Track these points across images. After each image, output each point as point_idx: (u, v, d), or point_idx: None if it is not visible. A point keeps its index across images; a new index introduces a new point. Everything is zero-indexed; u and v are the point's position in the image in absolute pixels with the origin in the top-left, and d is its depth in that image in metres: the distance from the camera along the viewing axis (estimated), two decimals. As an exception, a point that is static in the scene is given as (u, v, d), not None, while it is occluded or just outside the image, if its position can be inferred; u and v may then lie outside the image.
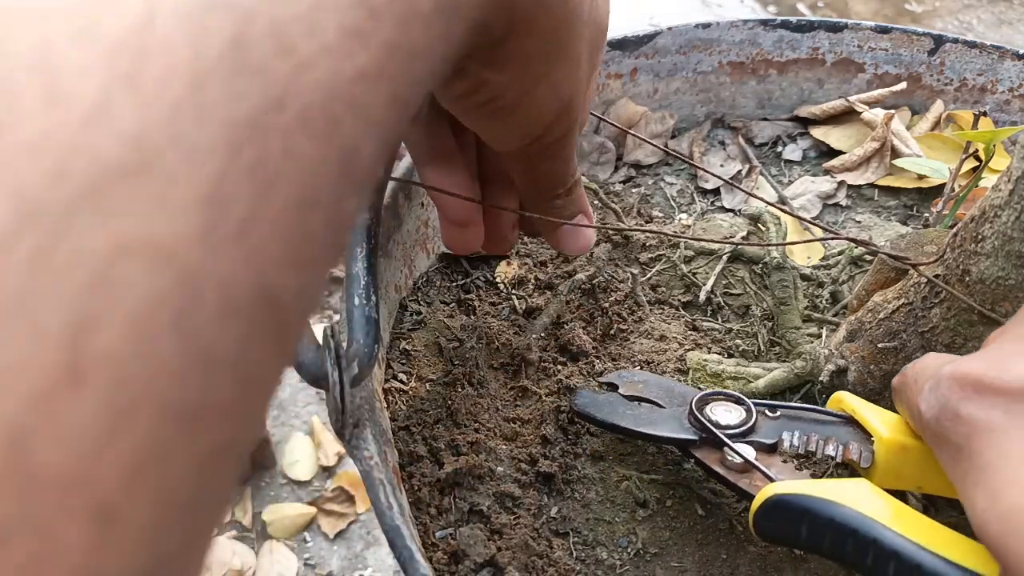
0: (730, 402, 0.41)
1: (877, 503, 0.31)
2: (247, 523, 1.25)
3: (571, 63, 0.31)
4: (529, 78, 0.30)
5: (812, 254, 0.57)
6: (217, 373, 0.15)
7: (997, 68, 0.65)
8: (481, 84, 0.30)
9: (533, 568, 0.39)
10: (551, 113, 0.32)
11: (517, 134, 0.34)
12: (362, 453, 0.33)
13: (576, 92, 0.33)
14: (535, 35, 0.29)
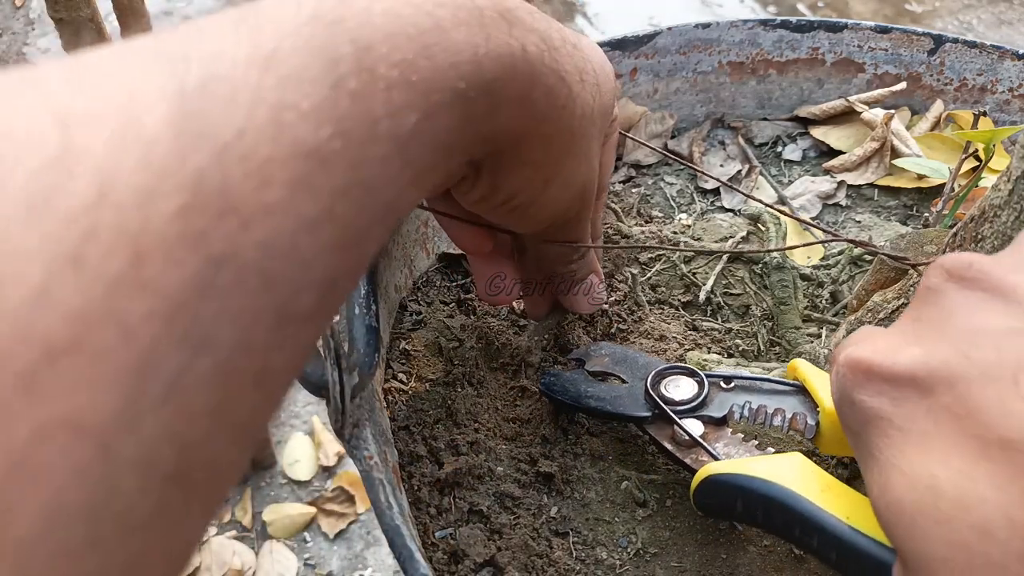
0: (685, 376, 0.41)
1: (806, 479, 0.32)
2: (247, 523, 1.25)
3: (582, 157, 0.32)
4: (540, 180, 0.31)
5: (812, 254, 0.57)
6: (134, 540, 0.16)
7: (997, 68, 0.65)
8: (495, 189, 0.31)
9: (533, 568, 0.39)
10: (567, 201, 0.34)
11: (535, 224, 0.35)
12: (362, 453, 0.33)
13: (589, 178, 0.34)
14: (541, 145, 0.30)
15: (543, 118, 0.29)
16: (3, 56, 2.22)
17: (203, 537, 0.19)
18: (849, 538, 0.29)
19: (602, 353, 0.45)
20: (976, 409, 0.21)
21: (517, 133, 0.28)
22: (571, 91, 0.29)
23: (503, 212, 0.33)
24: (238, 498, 1.27)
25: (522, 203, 0.32)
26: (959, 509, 0.20)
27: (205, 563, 1.18)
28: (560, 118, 0.29)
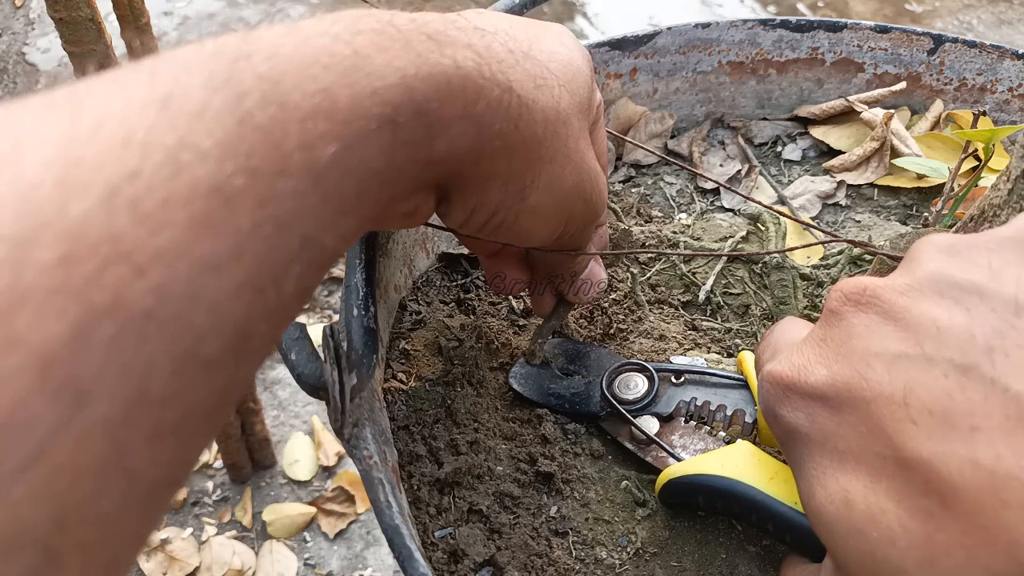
0: (637, 372, 0.43)
1: (754, 470, 0.35)
2: (247, 523, 1.25)
3: (560, 160, 0.31)
4: (515, 192, 0.31)
5: (812, 254, 0.57)
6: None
7: (997, 68, 0.65)
8: (471, 209, 0.31)
9: (533, 568, 0.39)
10: (561, 207, 0.33)
11: (536, 236, 0.34)
12: (362, 453, 0.33)
13: (582, 178, 0.33)
14: (502, 157, 0.29)
15: (495, 132, 0.28)
16: (3, 56, 2.22)
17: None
18: (798, 522, 0.33)
19: (556, 352, 0.46)
20: (876, 428, 0.23)
21: (471, 151, 0.28)
22: (523, 99, 0.28)
23: (492, 231, 0.33)
24: (238, 498, 1.27)
25: (506, 219, 0.32)
26: (867, 520, 0.23)
27: (205, 563, 1.18)
28: (516, 128, 0.28)
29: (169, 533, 1.22)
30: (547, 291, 0.44)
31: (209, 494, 1.28)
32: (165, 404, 0.18)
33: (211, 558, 1.20)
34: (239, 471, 1.27)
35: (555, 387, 0.44)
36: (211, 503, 1.27)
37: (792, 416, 0.26)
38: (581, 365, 0.45)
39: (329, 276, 1.61)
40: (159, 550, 1.20)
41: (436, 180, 0.28)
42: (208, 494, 1.28)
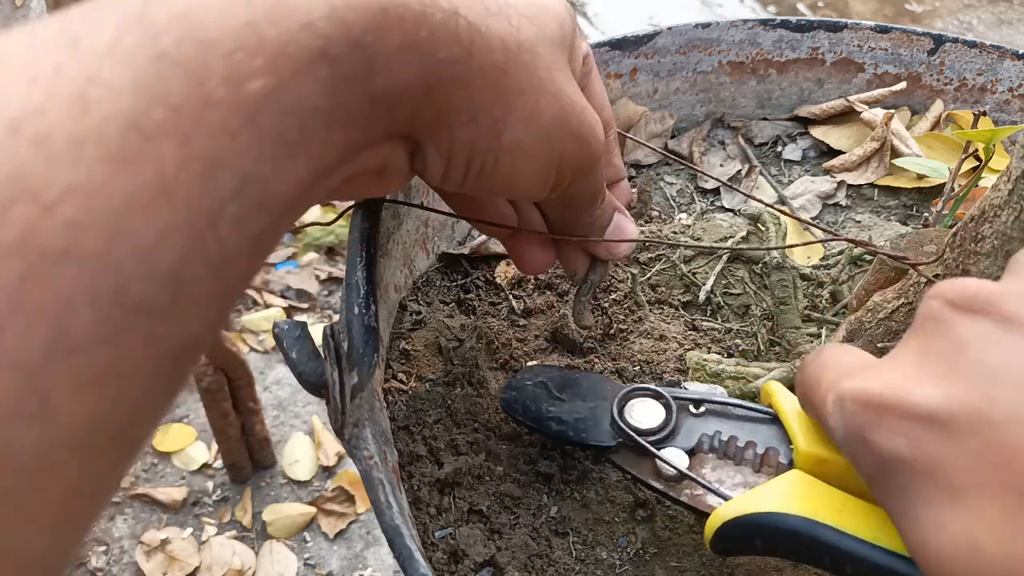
0: (650, 398, 0.38)
1: (818, 502, 0.30)
2: (247, 523, 1.25)
3: (535, 90, 0.29)
4: (488, 129, 0.28)
5: (812, 254, 0.57)
6: None
7: (997, 68, 0.65)
8: (448, 157, 0.29)
9: (533, 568, 0.39)
10: (546, 143, 0.30)
11: (531, 183, 0.31)
12: (362, 453, 0.33)
13: (566, 111, 0.30)
14: (461, 91, 0.27)
15: (443, 60, 0.25)
16: (3, 56, 2.22)
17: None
18: (884, 562, 0.28)
19: (540, 380, 0.42)
20: (1011, 458, 0.20)
21: (419, 83, 0.25)
22: (472, 23, 0.26)
23: (477, 179, 0.30)
24: (238, 498, 1.27)
25: (485, 162, 0.29)
26: (1004, 570, 0.20)
27: (205, 563, 1.18)
28: (470, 55, 0.26)
29: (169, 533, 1.22)
30: (576, 251, 0.41)
31: (209, 494, 1.28)
32: (89, 349, 0.17)
33: (211, 558, 1.20)
34: (239, 471, 1.28)
35: (555, 410, 0.39)
36: (211, 503, 1.27)
37: (891, 443, 0.23)
38: (573, 395, 0.40)
39: (329, 276, 1.61)
40: (159, 550, 1.20)
41: (397, 128, 0.27)
42: (208, 494, 1.28)
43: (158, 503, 1.26)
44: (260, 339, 1.50)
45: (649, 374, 0.48)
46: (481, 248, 0.55)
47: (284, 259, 1.65)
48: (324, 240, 1.67)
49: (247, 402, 1.18)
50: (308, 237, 1.66)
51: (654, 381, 0.47)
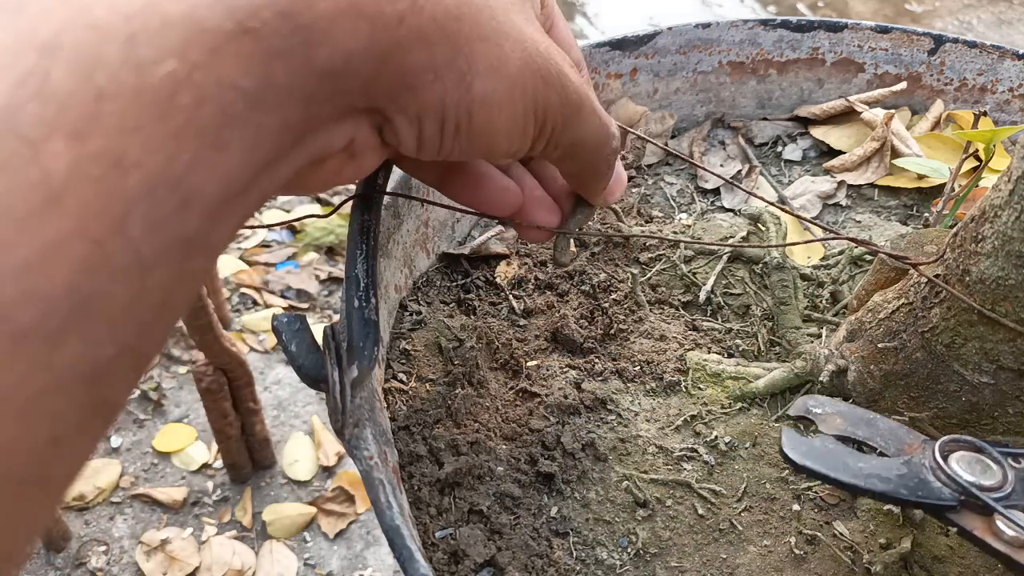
0: (971, 451, 0.35)
1: None
2: (247, 523, 1.25)
3: (497, 37, 0.27)
4: (454, 82, 0.26)
5: (812, 254, 0.57)
6: None
7: (997, 68, 0.65)
8: (419, 120, 0.27)
9: (533, 568, 0.39)
10: (521, 96, 0.28)
11: (513, 138, 0.29)
12: (362, 453, 0.33)
13: (530, 55, 0.28)
14: (419, 45, 0.25)
15: (394, 17, 0.23)
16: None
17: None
18: None
19: (828, 411, 0.38)
20: None
21: (373, 49, 0.23)
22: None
23: (455, 142, 0.28)
24: (238, 498, 1.27)
25: (460, 120, 0.27)
26: None
27: (205, 563, 1.18)
28: (420, 8, 0.24)
29: (169, 533, 1.22)
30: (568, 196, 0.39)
31: (209, 494, 1.28)
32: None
33: (211, 558, 1.20)
34: (239, 471, 1.28)
35: (866, 467, 0.35)
36: (211, 503, 1.27)
37: None
38: (872, 434, 0.37)
39: (329, 276, 1.61)
40: (159, 550, 1.20)
41: (353, 102, 0.24)
42: (208, 494, 1.28)
43: (158, 503, 1.26)
44: (260, 339, 1.50)
45: (649, 374, 0.48)
46: (481, 248, 0.55)
47: (284, 259, 1.65)
48: (324, 240, 1.67)
49: (247, 402, 1.18)
50: (308, 237, 1.66)
51: (655, 381, 0.47)
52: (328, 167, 0.27)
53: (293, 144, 0.23)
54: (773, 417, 0.45)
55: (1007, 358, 0.37)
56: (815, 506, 0.41)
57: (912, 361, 0.41)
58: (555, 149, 0.32)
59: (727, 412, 0.45)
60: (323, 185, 0.29)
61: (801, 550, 0.39)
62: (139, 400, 1.40)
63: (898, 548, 0.39)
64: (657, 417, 0.45)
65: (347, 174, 0.29)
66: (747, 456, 0.43)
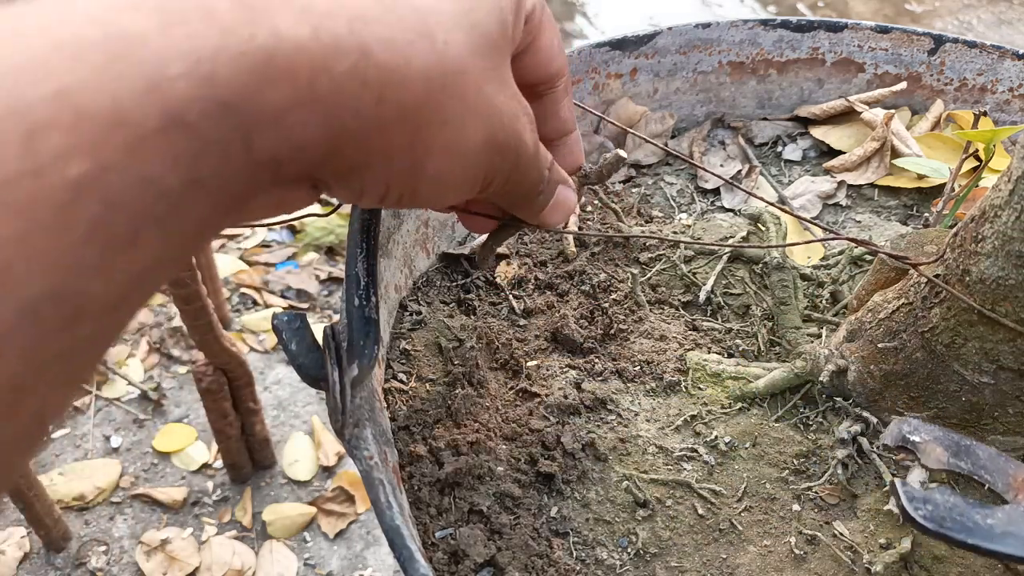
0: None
1: None
2: (247, 523, 1.25)
3: (453, 123, 0.26)
4: (404, 166, 0.25)
5: (812, 254, 0.57)
6: None
7: (997, 68, 0.65)
8: (360, 193, 0.26)
9: (533, 568, 0.39)
10: (472, 170, 0.28)
11: (454, 199, 0.29)
12: (362, 453, 0.33)
13: (494, 131, 0.27)
14: (372, 137, 0.24)
15: (350, 111, 0.22)
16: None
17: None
18: None
19: (926, 438, 0.35)
20: None
21: (327, 139, 0.22)
22: (385, 64, 0.23)
23: (395, 204, 0.28)
24: (238, 498, 1.27)
25: (404, 193, 0.27)
26: None
27: (205, 563, 1.18)
28: (381, 101, 0.23)
29: (169, 533, 1.21)
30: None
31: (209, 494, 1.28)
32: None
33: (211, 558, 1.19)
34: (239, 471, 1.27)
35: (996, 523, 0.32)
36: (211, 503, 1.27)
37: None
38: (975, 466, 0.34)
39: (329, 276, 1.61)
40: (159, 550, 1.20)
41: (290, 180, 0.23)
42: (208, 494, 1.28)
43: (158, 503, 1.26)
44: (260, 339, 1.50)
45: (649, 374, 0.48)
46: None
47: (284, 259, 1.65)
48: (324, 240, 1.67)
49: (247, 402, 1.17)
50: (308, 237, 1.66)
51: (655, 381, 0.47)
52: (250, 214, 0.26)
53: (218, 223, 0.21)
54: (773, 417, 0.45)
55: (1007, 358, 0.37)
56: (815, 506, 0.41)
57: (912, 361, 0.41)
58: (495, 194, 0.32)
59: (727, 412, 0.45)
60: (237, 224, 0.27)
61: (801, 550, 0.39)
62: (139, 400, 1.40)
63: (898, 548, 0.39)
64: (657, 417, 0.45)
65: (258, 215, 0.27)
66: (747, 456, 0.43)
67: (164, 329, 1.49)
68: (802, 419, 0.45)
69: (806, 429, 0.45)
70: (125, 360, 1.45)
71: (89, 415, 1.38)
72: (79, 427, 1.36)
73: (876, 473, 0.43)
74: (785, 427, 0.45)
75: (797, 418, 0.45)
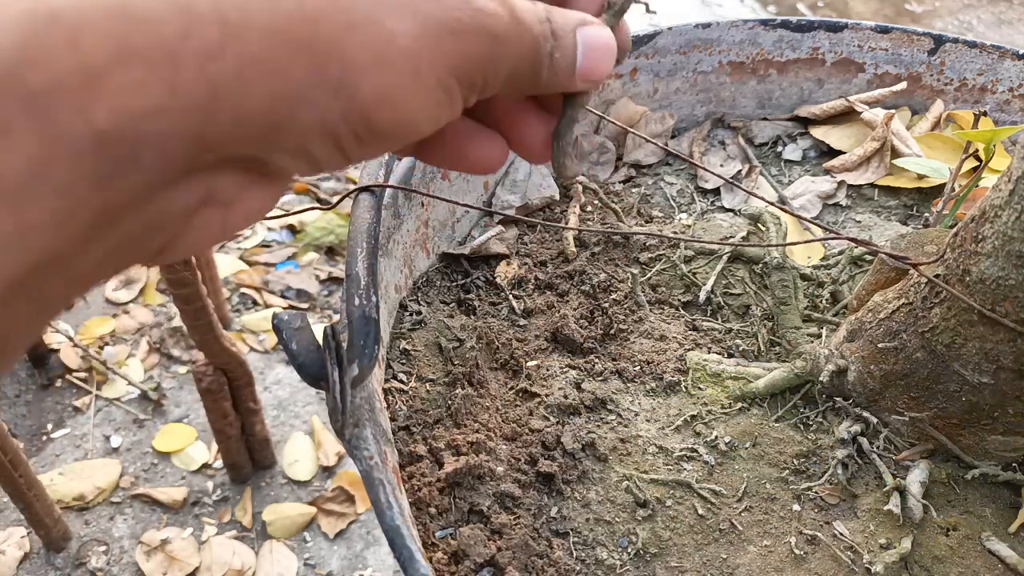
0: None
1: None
2: (247, 523, 1.25)
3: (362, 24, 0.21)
4: (327, 102, 0.21)
5: (812, 254, 0.57)
6: None
7: (997, 68, 0.65)
8: (309, 154, 0.22)
9: (533, 568, 0.39)
10: (437, 69, 0.23)
11: (440, 112, 0.24)
12: (362, 453, 0.33)
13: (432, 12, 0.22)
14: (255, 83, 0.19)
15: (198, 55, 0.18)
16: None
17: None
18: None
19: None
20: None
21: (190, 97, 0.19)
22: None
23: (371, 147, 0.23)
24: (238, 498, 1.27)
25: (357, 129, 0.22)
26: None
27: (205, 563, 1.18)
28: (238, 30, 0.19)
29: (169, 533, 1.21)
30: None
31: (209, 494, 1.28)
32: None
33: (211, 558, 1.19)
34: (239, 471, 1.27)
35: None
36: (211, 503, 1.27)
37: None
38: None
39: (329, 276, 1.61)
40: (159, 550, 1.20)
41: (195, 162, 0.20)
42: (208, 494, 1.28)
43: (158, 503, 1.26)
44: (260, 339, 1.50)
45: (649, 374, 0.48)
46: (481, 248, 0.55)
47: (284, 259, 1.65)
48: (324, 240, 1.67)
49: (247, 402, 1.17)
50: (308, 237, 1.66)
51: (655, 381, 0.47)
52: (197, 226, 0.22)
53: (85, 239, 0.18)
54: (773, 417, 0.45)
55: (1007, 358, 0.37)
56: (815, 506, 0.41)
57: (912, 361, 0.41)
58: (493, 90, 0.26)
59: (727, 412, 0.45)
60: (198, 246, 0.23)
61: (801, 550, 0.39)
62: (139, 400, 1.40)
63: (898, 548, 0.39)
64: (657, 417, 0.45)
65: (233, 222, 0.23)
66: (747, 456, 0.43)
67: (164, 329, 1.49)
68: (802, 419, 0.45)
69: (806, 429, 0.45)
70: (125, 360, 1.45)
71: (89, 415, 1.38)
72: (79, 427, 1.36)
73: (876, 473, 0.43)
74: (785, 427, 0.45)
75: (797, 418, 0.45)
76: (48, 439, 1.35)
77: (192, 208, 0.21)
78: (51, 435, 1.35)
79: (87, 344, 1.45)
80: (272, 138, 0.21)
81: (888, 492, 0.41)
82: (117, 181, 0.18)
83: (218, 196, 0.22)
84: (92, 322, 1.50)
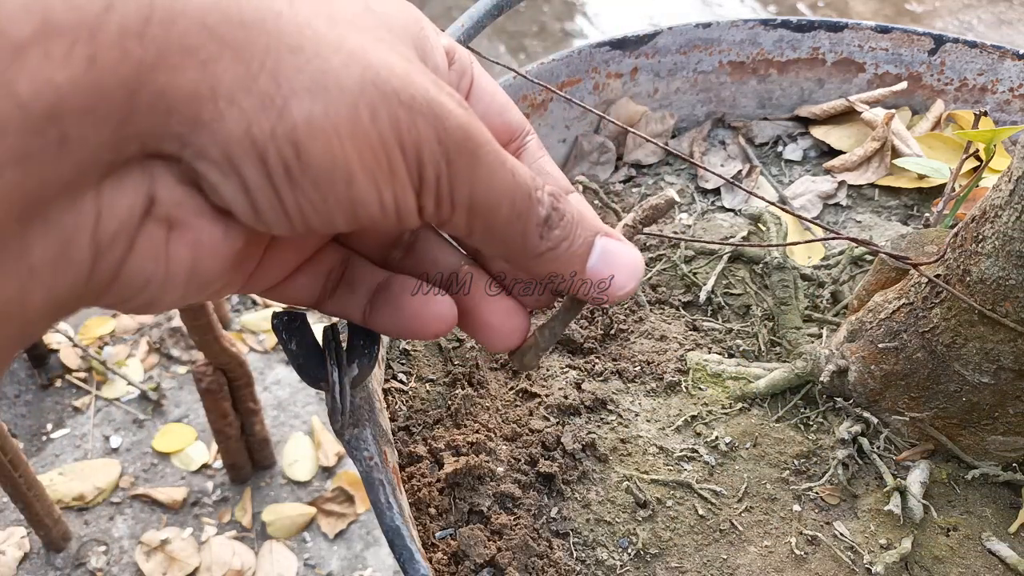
0: None
1: None
2: (247, 523, 1.25)
3: (306, 50, 0.20)
4: (256, 105, 0.20)
5: (813, 254, 0.57)
6: None
7: (997, 68, 0.65)
8: (231, 164, 0.21)
9: (533, 568, 0.38)
10: (363, 124, 0.21)
11: (377, 187, 0.22)
12: (362, 453, 0.33)
13: (387, 73, 0.21)
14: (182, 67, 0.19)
15: (123, 28, 0.18)
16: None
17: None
18: None
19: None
20: None
21: (117, 72, 0.18)
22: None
23: (306, 193, 0.21)
24: (238, 498, 1.27)
25: (287, 155, 0.20)
26: None
27: (205, 563, 1.18)
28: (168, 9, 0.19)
29: (169, 533, 1.21)
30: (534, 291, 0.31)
31: (209, 494, 1.28)
32: None
33: (211, 558, 1.20)
34: (239, 471, 1.27)
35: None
36: (211, 503, 1.27)
37: None
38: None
39: (329, 276, 1.62)
40: (159, 550, 1.20)
41: (128, 147, 0.19)
42: (208, 494, 1.28)
43: (158, 503, 1.26)
44: (260, 339, 1.50)
45: (650, 374, 0.48)
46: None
47: (284, 259, 1.65)
48: (324, 240, 1.67)
49: (247, 402, 1.17)
50: (308, 237, 1.66)
51: (655, 381, 0.47)
52: (144, 248, 0.21)
53: (18, 235, 0.18)
54: (773, 417, 0.45)
55: (1007, 358, 0.37)
56: (816, 506, 0.41)
57: (912, 361, 0.41)
58: (455, 211, 0.24)
59: (727, 412, 0.45)
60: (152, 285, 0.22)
61: (802, 550, 0.39)
62: (139, 400, 1.40)
63: (898, 548, 0.39)
64: (657, 417, 0.45)
65: (179, 257, 0.22)
66: (748, 456, 0.43)
67: (164, 329, 1.49)
68: (802, 419, 0.45)
69: (806, 429, 0.45)
70: (125, 360, 1.45)
71: (89, 415, 1.38)
72: (79, 427, 1.36)
73: (876, 473, 0.43)
74: (785, 427, 0.45)
75: (797, 418, 0.45)
76: (48, 439, 1.35)
77: (136, 216, 0.20)
78: (51, 435, 1.35)
79: (87, 344, 1.45)
80: (196, 138, 0.20)
81: (888, 492, 0.41)
82: (46, 165, 0.18)
83: (160, 206, 0.21)
84: (92, 322, 1.50)
